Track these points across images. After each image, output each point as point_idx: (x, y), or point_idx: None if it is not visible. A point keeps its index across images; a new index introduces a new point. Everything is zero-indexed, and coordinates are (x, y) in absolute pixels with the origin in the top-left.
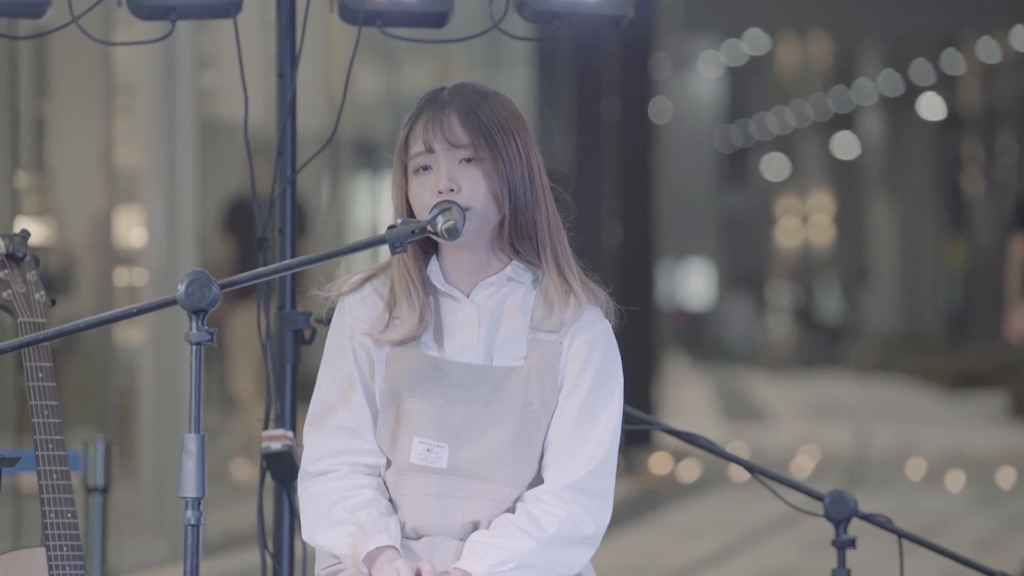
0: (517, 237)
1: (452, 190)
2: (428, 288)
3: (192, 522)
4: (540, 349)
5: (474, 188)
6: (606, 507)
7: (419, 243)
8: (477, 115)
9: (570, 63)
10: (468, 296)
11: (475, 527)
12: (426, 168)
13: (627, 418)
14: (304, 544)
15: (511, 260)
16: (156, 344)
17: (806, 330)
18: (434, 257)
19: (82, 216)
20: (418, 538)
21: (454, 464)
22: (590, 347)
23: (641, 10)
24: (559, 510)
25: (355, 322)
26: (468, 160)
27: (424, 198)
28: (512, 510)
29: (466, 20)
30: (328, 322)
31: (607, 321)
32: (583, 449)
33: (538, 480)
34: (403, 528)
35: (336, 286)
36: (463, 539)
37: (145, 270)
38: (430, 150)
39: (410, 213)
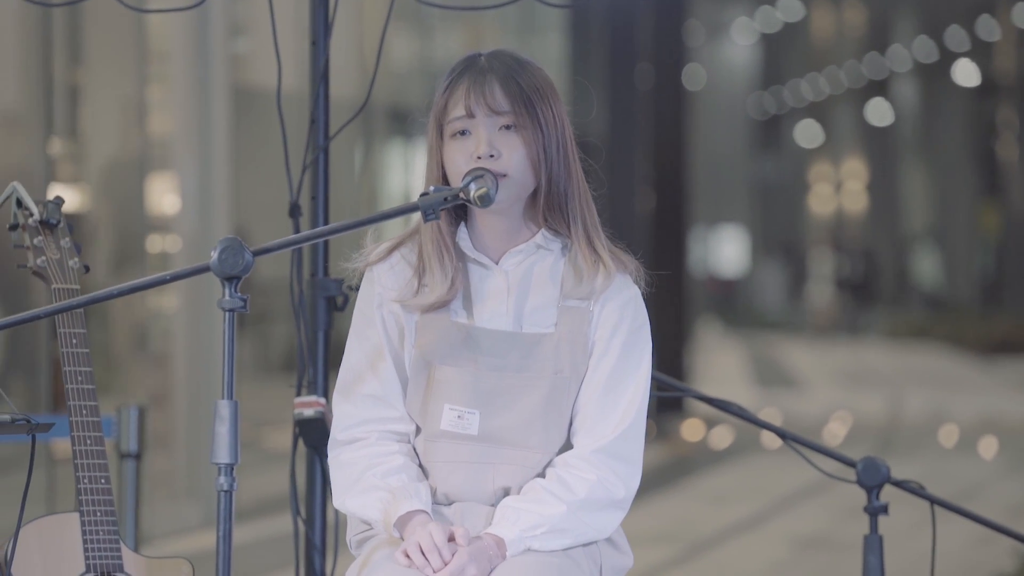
0: (548, 207)
1: (492, 156)
2: (458, 254)
3: (225, 488)
4: (570, 316)
5: (512, 155)
6: (635, 471)
7: (450, 209)
8: (517, 82)
9: (603, 30)
10: (497, 263)
11: (506, 493)
12: (464, 133)
13: (659, 385)
14: (336, 510)
15: (540, 229)
16: (189, 311)
17: (853, 297)
18: (463, 224)
19: (115, 183)
20: (449, 504)
21: (485, 431)
22: (619, 313)
23: None
24: (589, 474)
25: (384, 290)
26: (508, 127)
27: (460, 162)
28: (542, 475)
29: None
30: (358, 290)
31: (636, 287)
32: (612, 414)
33: (568, 446)
34: (434, 494)
35: (363, 256)
36: (494, 505)
37: (178, 237)
38: (471, 115)
39: (444, 177)
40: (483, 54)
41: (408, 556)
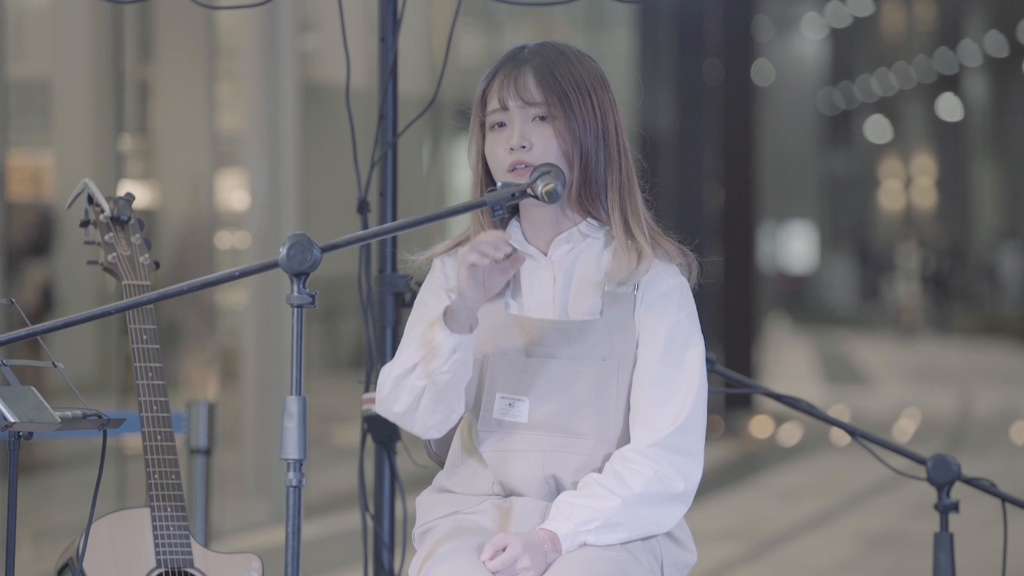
0: (586, 196)
1: (524, 147)
2: None
3: (294, 484)
4: (615, 302)
5: (546, 146)
6: (696, 464)
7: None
8: (553, 74)
9: (672, 26)
10: (545, 255)
11: (558, 481)
12: (501, 125)
13: (728, 381)
14: (404, 505)
15: (583, 219)
16: (258, 307)
17: (938, 294)
18: (514, 219)
19: (185, 180)
20: (505, 496)
21: (535, 418)
22: (664, 301)
23: None
24: (646, 468)
25: (446, 280)
26: (541, 118)
27: (498, 154)
28: (599, 469)
29: None
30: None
31: (681, 277)
32: (666, 406)
33: (626, 435)
34: (490, 483)
35: (426, 251)
36: (548, 496)
37: (247, 233)
38: (504, 107)
39: (485, 169)
40: (528, 46)
41: (471, 265)
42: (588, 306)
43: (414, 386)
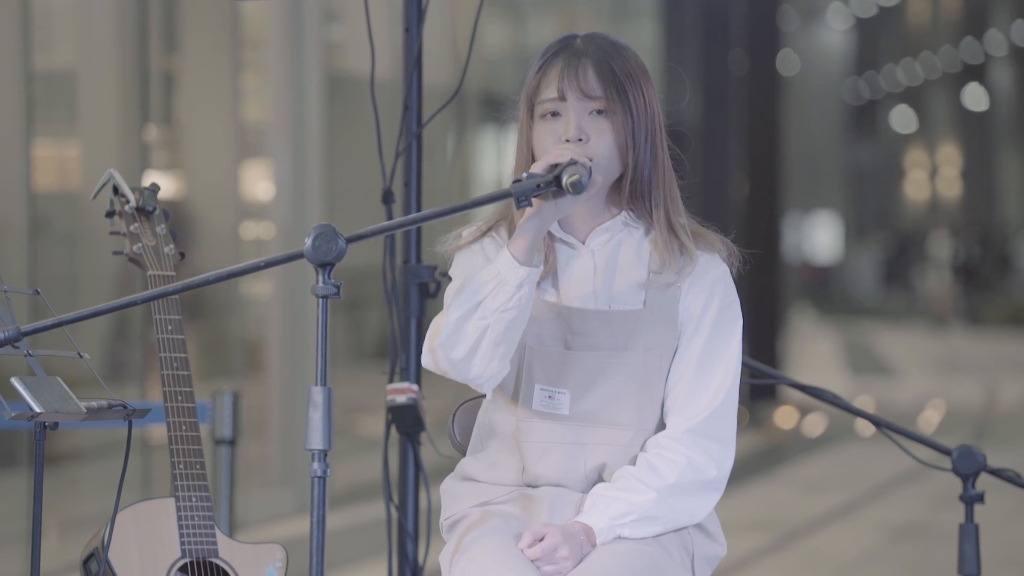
0: (632, 192)
1: (580, 140)
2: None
3: (319, 474)
4: (659, 293)
5: (601, 140)
6: (728, 450)
7: None
8: (611, 67)
9: (697, 16)
10: (583, 244)
11: (599, 472)
12: (555, 114)
13: (753, 372)
14: (428, 496)
15: (622, 211)
16: (283, 297)
17: (968, 283)
18: None
19: (210, 170)
20: (538, 487)
21: (576, 410)
22: (709, 291)
23: None
24: (679, 456)
25: (486, 259)
26: (599, 112)
27: (549, 143)
28: (635, 459)
29: None
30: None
31: (725, 265)
32: (704, 393)
33: (661, 424)
34: (524, 475)
35: (453, 237)
36: (586, 488)
37: (272, 224)
38: (562, 98)
39: (532, 156)
40: (579, 36)
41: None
42: (632, 296)
43: (476, 327)
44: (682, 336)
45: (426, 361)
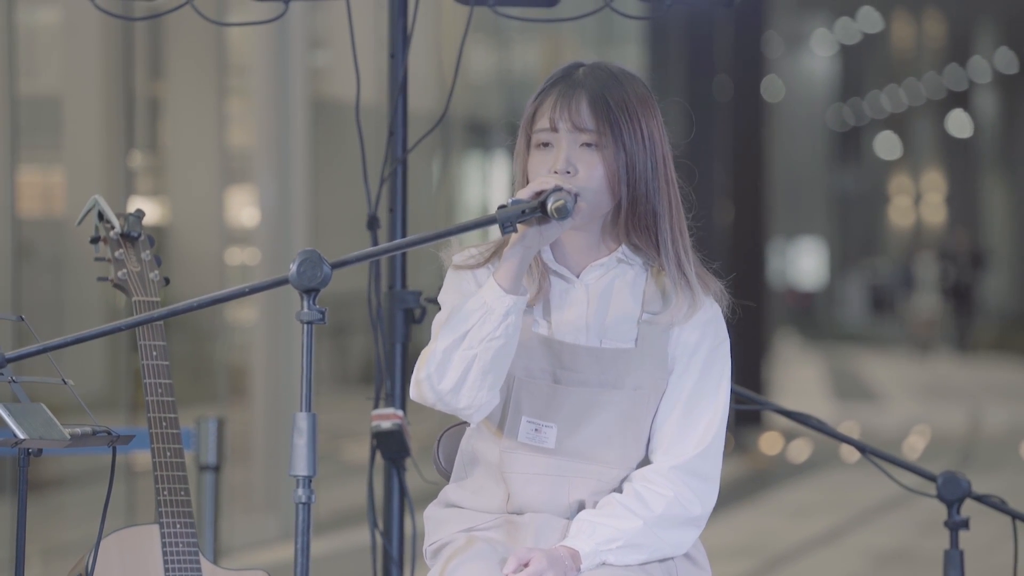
0: (634, 226)
1: (568, 172)
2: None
3: (303, 500)
4: (651, 332)
5: (590, 173)
6: (713, 489)
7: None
8: (607, 100)
9: (682, 42)
10: (578, 277)
11: (581, 506)
12: (547, 145)
13: (738, 398)
14: (413, 522)
15: (620, 245)
16: (268, 323)
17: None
18: None
19: (195, 196)
20: (523, 514)
21: (562, 445)
22: (701, 331)
23: None
24: (666, 490)
25: (474, 287)
26: (589, 144)
27: (541, 173)
28: (619, 490)
29: None
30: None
31: (717, 305)
32: (692, 432)
33: (646, 461)
34: (508, 503)
35: (457, 251)
36: (569, 518)
37: (257, 249)
38: (555, 129)
39: (527, 184)
40: (584, 64)
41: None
42: (623, 334)
43: (463, 356)
44: (672, 374)
45: (413, 393)
